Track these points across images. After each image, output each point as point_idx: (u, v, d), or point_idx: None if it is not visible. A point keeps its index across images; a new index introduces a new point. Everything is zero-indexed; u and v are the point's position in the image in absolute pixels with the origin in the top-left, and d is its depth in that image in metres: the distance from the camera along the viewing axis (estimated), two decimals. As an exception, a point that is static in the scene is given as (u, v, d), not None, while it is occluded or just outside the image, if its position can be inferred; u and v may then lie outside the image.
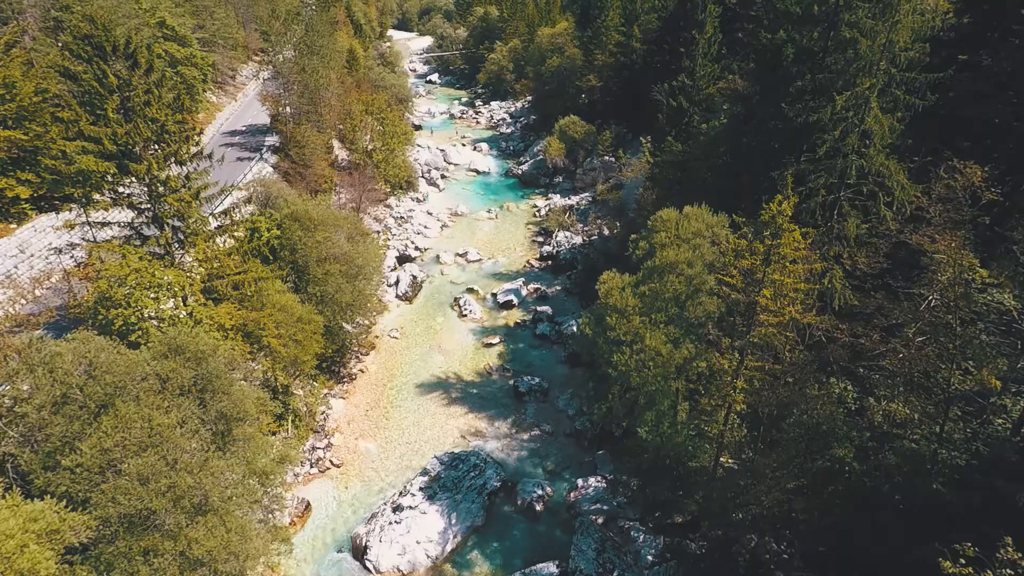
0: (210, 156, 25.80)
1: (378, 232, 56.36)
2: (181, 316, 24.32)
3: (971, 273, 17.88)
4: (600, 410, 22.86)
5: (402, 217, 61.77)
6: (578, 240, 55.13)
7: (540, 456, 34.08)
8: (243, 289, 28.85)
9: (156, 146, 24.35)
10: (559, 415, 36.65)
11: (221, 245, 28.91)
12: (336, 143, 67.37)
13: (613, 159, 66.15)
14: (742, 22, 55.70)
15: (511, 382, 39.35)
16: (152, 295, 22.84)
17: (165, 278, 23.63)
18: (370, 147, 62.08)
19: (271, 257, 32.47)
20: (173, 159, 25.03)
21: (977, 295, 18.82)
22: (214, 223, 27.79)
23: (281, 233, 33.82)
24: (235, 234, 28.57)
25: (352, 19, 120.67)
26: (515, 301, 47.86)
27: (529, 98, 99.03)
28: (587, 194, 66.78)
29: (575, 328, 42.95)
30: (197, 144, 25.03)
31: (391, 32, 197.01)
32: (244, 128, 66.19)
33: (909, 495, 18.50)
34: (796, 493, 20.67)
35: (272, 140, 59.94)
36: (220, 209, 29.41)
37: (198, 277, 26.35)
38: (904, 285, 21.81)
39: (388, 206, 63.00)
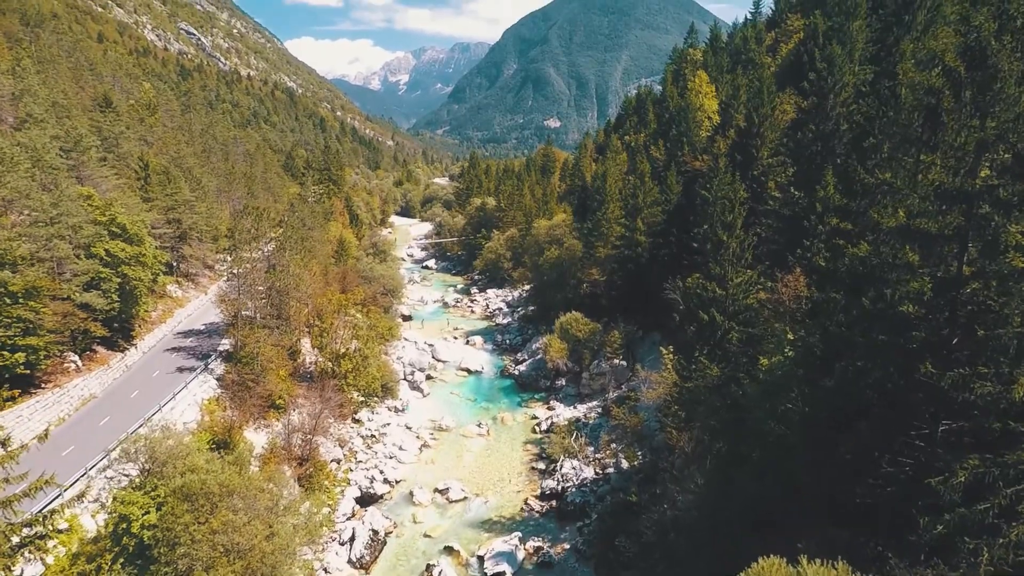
0: (4, 444, 16.11)
1: (338, 461, 45.23)
2: None
3: None
4: None
5: (373, 435, 50.96)
6: (589, 473, 43.70)
7: None
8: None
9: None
10: None
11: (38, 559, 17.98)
12: (307, 342, 59.20)
13: (624, 363, 57.32)
14: (758, 217, 50.54)
15: None
16: None
17: None
18: (341, 350, 53.48)
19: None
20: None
21: None
22: (16, 538, 17.22)
23: (160, 520, 23.04)
24: (49, 550, 17.83)
25: (350, 209, 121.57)
26: (508, 572, 35.17)
27: (527, 286, 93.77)
28: (596, 402, 56.76)
29: (594, 637, 30.07)
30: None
31: (394, 218, 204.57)
32: (203, 328, 58.32)
33: None
34: None
35: (228, 343, 51.66)
36: (45, 510, 18.99)
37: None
38: None
39: (358, 421, 52.62)
